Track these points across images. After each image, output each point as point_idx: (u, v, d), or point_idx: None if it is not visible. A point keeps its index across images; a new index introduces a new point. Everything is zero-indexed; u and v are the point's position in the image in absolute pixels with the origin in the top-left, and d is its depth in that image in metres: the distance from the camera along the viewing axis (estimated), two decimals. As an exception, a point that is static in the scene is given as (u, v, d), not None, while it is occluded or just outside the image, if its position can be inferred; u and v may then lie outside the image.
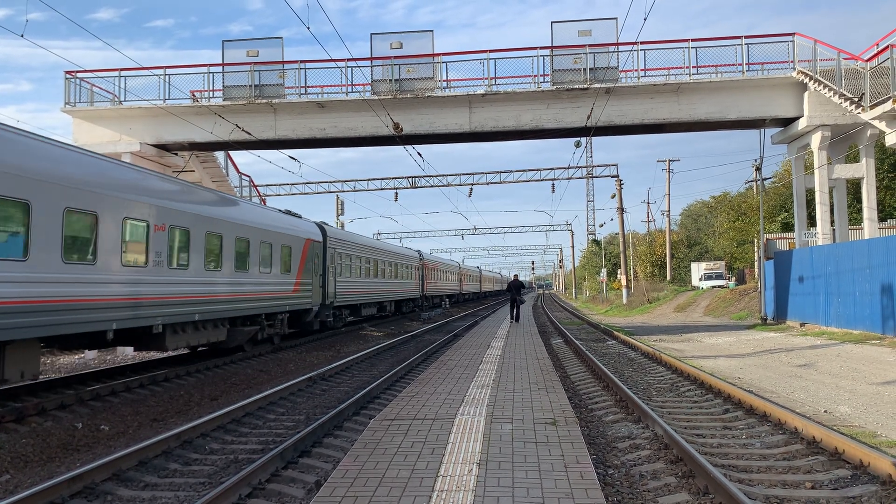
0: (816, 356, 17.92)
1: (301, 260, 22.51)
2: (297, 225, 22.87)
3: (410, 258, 42.99)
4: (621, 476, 7.40)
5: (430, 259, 50.96)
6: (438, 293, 53.69)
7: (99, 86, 26.36)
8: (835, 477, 7.15)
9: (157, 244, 14.00)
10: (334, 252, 26.53)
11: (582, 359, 17.89)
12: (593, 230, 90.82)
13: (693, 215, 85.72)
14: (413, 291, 43.08)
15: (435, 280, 51.65)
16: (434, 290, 51.20)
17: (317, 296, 24.19)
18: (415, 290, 43.90)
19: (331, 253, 26.03)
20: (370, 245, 33.25)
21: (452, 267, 63.12)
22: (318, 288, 24.42)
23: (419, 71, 25.48)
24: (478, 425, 8.27)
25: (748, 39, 24.85)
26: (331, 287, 25.88)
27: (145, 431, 10.52)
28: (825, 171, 25.12)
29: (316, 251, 24.21)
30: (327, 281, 25.42)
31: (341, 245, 27.52)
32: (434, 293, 51.47)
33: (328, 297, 25.45)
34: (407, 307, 43.06)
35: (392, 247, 40.40)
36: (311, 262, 23.56)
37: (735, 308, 38.57)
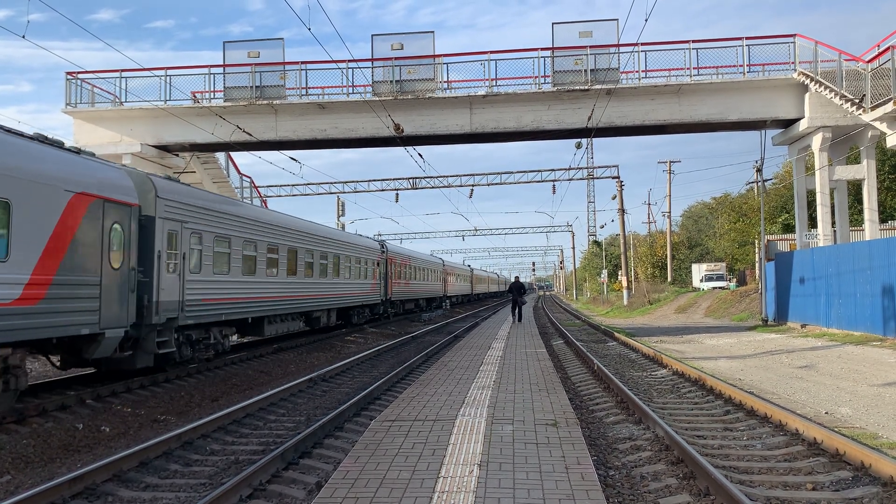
0: (817, 357, 17.91)
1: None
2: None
3: (362, 248, 31.44)
4: (622, 477, 7.40)
5: (400, 252, 40.52)
6: (412, 296, 43.48)
7: (100, 87, 26.39)
8: (836, 478, 7.14)
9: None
10: (176, 227, 14.69)
11: (583, 360, 17.88)
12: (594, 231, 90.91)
13: (694, 216, 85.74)
14: (369, 294, 32.00)
15: (406, 280, 41.06)
16: (405, 292, 40.61)
17: (122, 309, 12.70)
18: (372, 293, 32.66)
19: (168, 229, 14.29)
20: (266, 220, 20.23)
21: (433, 264, 52.22)
22: (124, 293, 12.81)
23: (420, 72, 25.49)
24: (478, 426, 8.27)
25: (749, 41, 24.88)
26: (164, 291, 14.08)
27: (146, 432, 10.52)
28: (826, 172, 25.11)
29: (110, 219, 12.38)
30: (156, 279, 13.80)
31: (191, 213, 15.36)
32: (405, 297, 40.94)
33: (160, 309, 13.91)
34: (360, 316, 31.80)
35: (316, 227, 25.32)
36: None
37: (736, 309, 38.56)
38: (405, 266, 40.85)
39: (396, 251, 39.37)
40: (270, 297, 20.15)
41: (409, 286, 42.17)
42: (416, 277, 44.32)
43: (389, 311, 36.82)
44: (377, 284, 33.58)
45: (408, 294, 41.96)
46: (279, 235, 20.84)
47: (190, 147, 27.16)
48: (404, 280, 40.46)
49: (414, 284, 43.68)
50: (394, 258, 37.43)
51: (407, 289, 41.44)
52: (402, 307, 41.38)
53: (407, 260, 41.69)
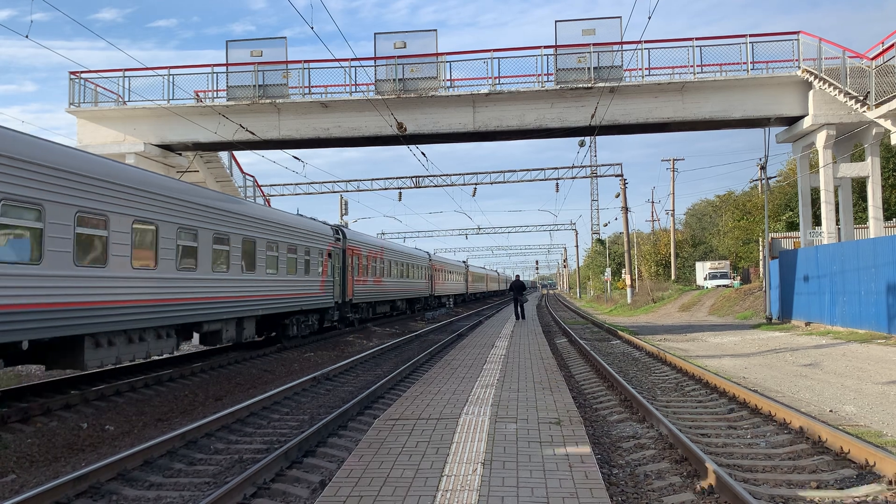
0: (822, 356, 17.87)
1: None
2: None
3: (301, 233, 22.55)
4: (626, 476, 7.39)
5: (365, 241, 31.48)
6: (385, 297, 34.90)
7: (103, 86, 26.42)
8: (840, 476, 7.12)
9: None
10: None
11: (586, 358, 17.87)
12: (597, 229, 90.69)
13: (698, 214, 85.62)
14: (314, 297, 23.53)
15: (377, 277, 32.71)
16: (373, 293, 32.12)
17: None
18: (320, 295, 24.04)
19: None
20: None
21: (415, 257, 43.42)
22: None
23: (423, 70, 25.47)
24: (482, 425, 8.26)
25: (753, 38, 24.79)
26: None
27: (150, 431, 10.54)
28: (830, 169, 25.04)
29: None
30: None
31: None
32: (374, 298, 32.34)
33: None
34: (302, 326, 23.48)
35: (206, 194, 17.06)
36: None
37: (740, 307, 38.49)
38: (374, 259, 32.52)
39: (361, 240, 30.84)
40: (107, 302, 12.31)
41: (381, 284, 34.20)
42: (390, 274, 36.26)
43: (351, 316, 28.82)
44: (328, 283, 24.82)
45: (378, 294, 33.39)
46: (106, 196, 12.39)
47: (193, 146, 27.18)
48: (373, 277, 32.35)
49: (388, 283, 35.57)
50: (357, 249, 29.26)
51: (377, 288, 33.02)
52: (370, 311, 32.89)
53: (377, 252, 33.23)
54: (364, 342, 25.02)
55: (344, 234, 27.87)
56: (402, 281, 39.07)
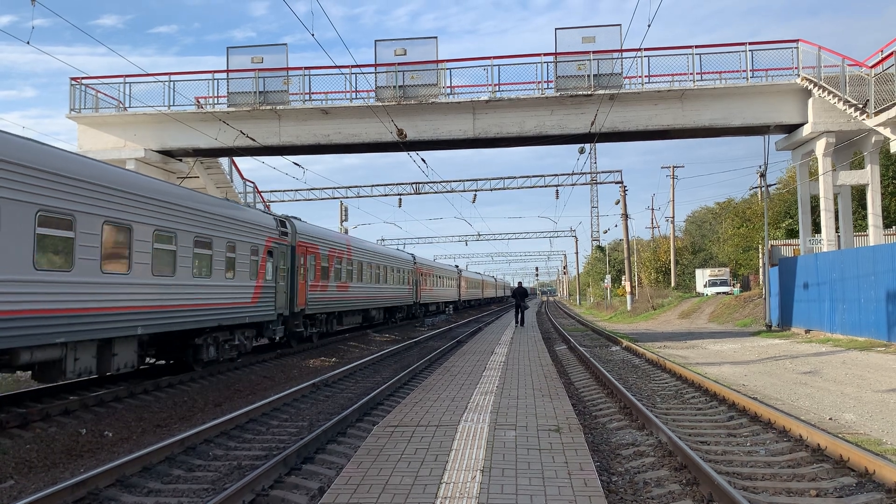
0: (821, 363, 17.85)
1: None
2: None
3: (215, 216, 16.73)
4: (625, 483, 7.38)
5: (312, 234, 23.97)
6: (343, 307, 27.29)
7: (104, 92, 26.48)
8: (840, 485, 7.11)
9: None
10: None
11: (586, 365, 17.85)
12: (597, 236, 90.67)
13: (697, 221, 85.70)
14: (238, 307, 17.58)
15: (324, 282, 24.68)
16: (328, 301, 25.17)
17: None
18: (245, 305, 18.01)
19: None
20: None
21: (391, 258, 36.74)
22: None
23: (423, 77, 25.54)
24: (481, 432, 8.25)
25: (752, 46, 24.88)
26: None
27: (149, 437, 10.53)
28: (830, 177, 25.07)
29: None
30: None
31: None
32: (327, 308, 25.20)
33: None
34: (217, 350, 17.29)
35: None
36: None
37: (740, 315, 38.47)
38: (338, 260, 26.08)
39: (319, 236, 24.45)
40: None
41: (348, 291, 27.51)
42: (361, 278, 29.54)
43: (306, 331, 23.32)
44: (266, 289, 19.16)
45: (343, 303, 26.84)
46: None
47: (193, 152, 27.23)
48: (337, 282, 25.90)
49: (358, 289, 28.99)
50: (312, 246, 23.04)
51: (341, 296, 26.43)
52: (332, 323, 26.64)
53: (341, 251, 26.41)
54: (364, 349, 24.96)
55: (293, 227, 22.03)
56: (377, 287, 32.99)
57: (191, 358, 16.14)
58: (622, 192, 54.06)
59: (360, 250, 30.36)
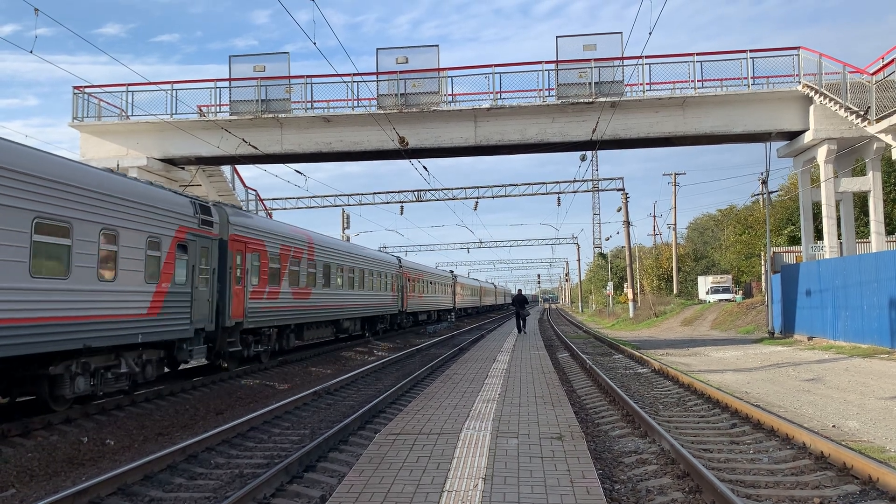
0: (824, 370, 17.81)
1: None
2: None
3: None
4: (627, 491, 7.36)
5: (255, 226, 19.32)
6: (309, 317, 23.33)
7: (106, 101, 26.57)
8: (843, 493, 7.09)
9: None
10: None
11: (588, 373, 17.82)
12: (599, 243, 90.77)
13: (699, 228, 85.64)
14: (128, 321, 13.00)
15: (271, 290, 19.91)
16: (286, 310, 21.22)
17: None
18: (141, 317, 13.40)
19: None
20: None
21: (372, 260, 32.05)
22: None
23: (425, 85, 25.61)
24: (483, 440, 8.24)
25: (753, 53, 24.92)
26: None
27: (151, 446, 10.52)
28: (832, 184, 25.07)
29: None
30: None
31: None
32: (274, 320, 20.37)
33: None
34: (95, 381, 12.51)
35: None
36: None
37: (742, 322, 38.40)
38: (294, 260, 21.67)
39: (265, 229, 19.91)
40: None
41: (310, 299, 23.09)
42: (328, 282, 25.08)
43: (248, 351, 18.89)
44: (176, 296, 14.76)
45: (302, 313, 22.49)
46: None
47: (196, 160, 27.29)
48: (292, 287, 21.43)
49: (323, 296, 24.41)
50: (254, 242, 18.74)
51: (299, 305, 22.09)
52: (288, 339, 21.91)
53: (299, 248, 22.24)
54: (365, 357, 24.91)
55: (224, 215, 17.33)
56: (351, 294, 28.12)
57: (46, 393, 11.50)
58: (624, 200, 54.08)
59: (326, 249, 25.23)
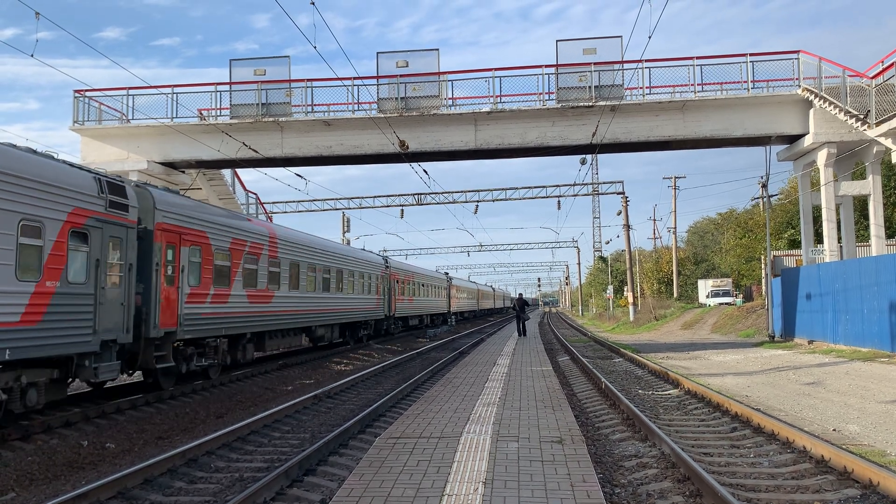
0: (825, 374, 17.80)
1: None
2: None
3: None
4: (628, 495, 7.35)
5: (186, 215, 15.29)
6: (276, 323, 20.26)
7: (107, 104, 26.61)
8: (844, 496, 7.08)
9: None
10: None
11: (588, 376, 17.81)
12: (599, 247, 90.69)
13: (699, 232, 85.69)
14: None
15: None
16: (229, 317, 17.23)
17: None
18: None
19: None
20: None
21: (352, 260, 28.76)
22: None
23: (425, 89, 25.64)
24: (484, 444, 8.23)
25: (753, 57, 24.96)
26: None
27: (151, 449, 10.50)
28: (831, 187, 25.08)
29: None
30: None
31: None
32: (223, 327, 16.89)
33: None
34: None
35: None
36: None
37: (742, 325, 38.39)
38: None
39: (181, 210, 15.31)
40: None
41: (271, 303, 19.75)
42: (276, 282, 20.14)
43: (174, 367, 14.90)
44: (61, 298, 11.35)
45: (242, 321, 17.96)
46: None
47: (196, 164, 27.31)
48: (215, 289, 16.46)
49: (288, 299, 20.87)
50: (172, 227, 14.69)
51: (233, 310, 17.44)
52: (235, 354, 18.09)
53: (257, 243, 18.88)
54: (367, 360, 24.89)
55: (150, 198, 14.03)
56: (325, 297, 24.59)
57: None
58: (624, 203, 54.08)
59: (293, 245, 21.69)
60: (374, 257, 34.04)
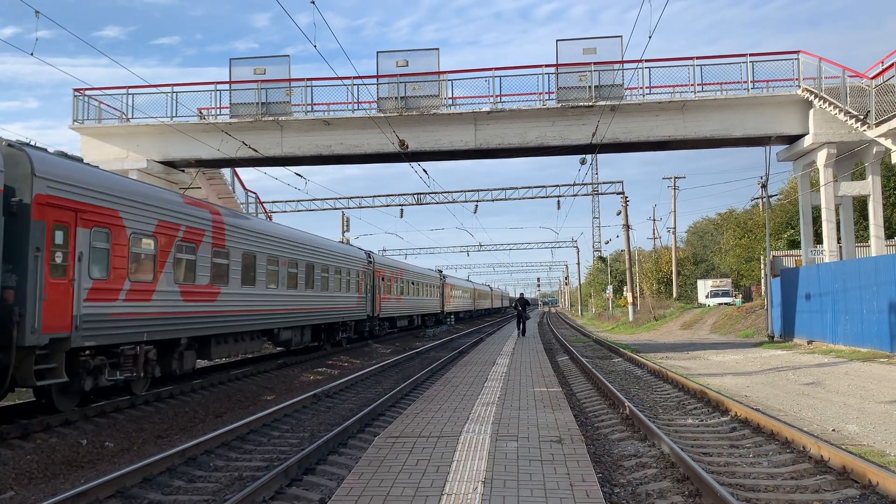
0: (824, 374, 17.80)
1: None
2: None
3: None
4: (627, 495, 7.35)
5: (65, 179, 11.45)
6: (224, 326, 16.95)
7: (107, 103, 26.60)
8: (843, 496, 7.08)
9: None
10: None
11: (588, 376, 17.81)
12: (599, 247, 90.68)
13: (699, 232, 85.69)
14: None
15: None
16: (139, 320, 13.29)
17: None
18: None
19: None
20: None
21: (320, 251, 24.58)
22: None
23: (425, 88, 25.64)
24: (483, 443, 8.23)
25: (753, 57, 24.96)
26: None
27: (150, 448, 10.50)
28: (831, 188, 25.09)
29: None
30: None
31: None
32: (142, 330, 13.41)
33: None
34: None
35: None
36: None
37: (742, 325, 38.40)
38: (164, 238, 14.32)
39: (96, 184, 12.34)
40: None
41: (217, 301, 16.60)
42: (222, 276, 16.85)
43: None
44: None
45: (161, 323, 14.15)
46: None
47: (196, 163, 27.30)
48: (127, 286, 13.06)
49: (231, 297, 17.27)
50: (68, 202, 11.45)
51: (139, 310, 13.42)
52: (151, 367, 14.15)
53: (192, 228, 15.52)
54: (365, 360, 24.92)
55: (24, 161, 10.83)
56: (291, 296, 21.30)
57: None
58: (623, 203, 54.09)
59: (246, 233, 18.19)
60: (355, 251, 30.70)
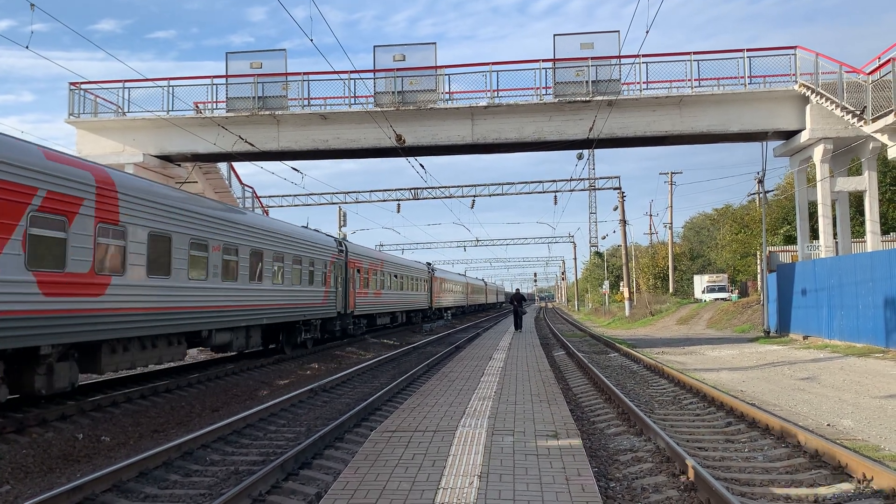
0: (819, 369, 17.86)
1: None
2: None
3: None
4: (623, 489, 7.37)
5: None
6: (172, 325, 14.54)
7: (103, 97, 26.51)
8: (838, 491, 7.10)
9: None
10: None
11: (584, 371, 17.84)
12: (595, 242, 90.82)
13: (696, 227, 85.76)
14: None
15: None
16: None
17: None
18: None
19: None
20: None
21: (297, 240, 22.37)
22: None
23: (422, 83, 25.60)
24: (479, 437, 8.24)
25: (750, 52, 24.97)
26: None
27: (146, 442, 10.50)
28: (827, 183, 25.12)
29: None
30: None
31: None
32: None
33: None
34: None
35: None
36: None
37: (738, 321, 38.49)
38: (9, 207, 10.11)
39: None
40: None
41: (111, 295, 12.51)
42: (120, 263, 12.82)
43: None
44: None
45: (31, 323, 10.63)
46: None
47: (192, 157, 27.24)
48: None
49: (130, 290, 13.12)
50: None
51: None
52: (53, 373, 11.51)
53: (62, 196, 11.15)
54: (364, 354, 24.90)
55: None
56: (226, 289, 17.25)
57: None
58: (620, 198, 54.12)
59: (156, 207, 14.23)
60: (322, 237, 25.90)
